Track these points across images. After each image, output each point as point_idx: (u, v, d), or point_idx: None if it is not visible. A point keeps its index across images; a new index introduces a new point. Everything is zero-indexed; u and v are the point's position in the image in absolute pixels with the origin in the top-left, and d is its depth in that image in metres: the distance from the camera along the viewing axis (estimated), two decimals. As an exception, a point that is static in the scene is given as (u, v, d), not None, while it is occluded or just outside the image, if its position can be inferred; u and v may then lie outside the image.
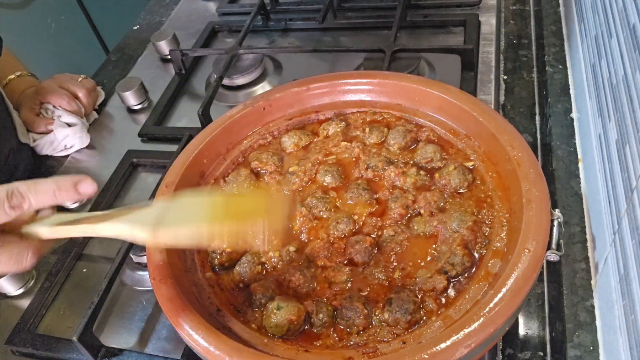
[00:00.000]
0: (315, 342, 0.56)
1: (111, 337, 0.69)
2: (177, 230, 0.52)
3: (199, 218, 0.53)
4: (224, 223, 0.54)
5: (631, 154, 0.56)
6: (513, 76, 0.97)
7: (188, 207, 0.56)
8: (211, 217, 0.54)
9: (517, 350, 0.66)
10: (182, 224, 0.52)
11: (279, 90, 0.78)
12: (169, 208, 0.55)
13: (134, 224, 0.51)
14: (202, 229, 0.52)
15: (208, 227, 0.53)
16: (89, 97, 1.01)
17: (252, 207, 0.59)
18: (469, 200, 0.63)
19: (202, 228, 0.52)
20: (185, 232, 0.52)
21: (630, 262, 0.53)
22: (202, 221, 0.53)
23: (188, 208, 0.56)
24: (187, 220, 0.53)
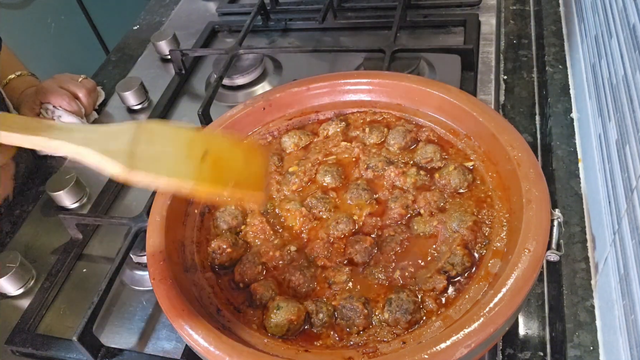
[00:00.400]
0: (315, 342, 0.56)
1: (111, 337, 0.69)
2: (154, 176, 0.48)
3: (176, 159, 0.51)
4: (203, 170, 0.51)
5: (631, 154, 0.56)
6: (513, 76, 0.97)
7: (163, 140, 0.52)
8: (188, 160, 0.51)
9: (517, 350, 0.66)
10: (160, 166, 0.49)
11: (279, 90, 0.78)
12: (140, 135, 0.51)
13: (104, 154, 0.47)
14: (181, 177, 0.49)
15: (187, 175, 0.50)
16: (89, 97, 1.01)
17: (229, 151, 0.56)
18: (469, 200, 0.63)
19: (181, 176, 0.49)
20: (164, 180, 0.49)
21: (630, 262, 0.53)
22: (180, 165, 0.50)
23: (163, 141, 0.52)
24: (163, 159, 0.50)
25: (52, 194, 0.85)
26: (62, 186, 0.85)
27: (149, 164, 0.49)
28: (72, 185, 0.85)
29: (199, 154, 0.52)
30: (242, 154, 0.58)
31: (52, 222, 0.85)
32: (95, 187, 0.88)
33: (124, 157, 0.48)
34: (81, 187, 0.87)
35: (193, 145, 0.54)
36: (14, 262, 0.76)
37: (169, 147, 0.52)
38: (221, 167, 0.54)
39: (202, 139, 0.56)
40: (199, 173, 0.51)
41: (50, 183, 0.86)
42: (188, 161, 0.51)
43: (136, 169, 0.47)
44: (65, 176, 0.86)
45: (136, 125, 0.52)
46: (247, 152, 0.59)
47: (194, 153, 0.52)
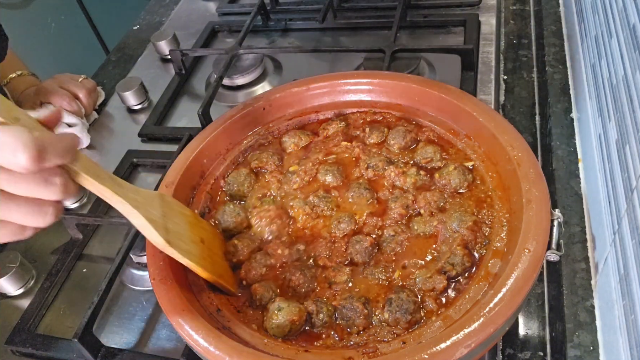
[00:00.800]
0: (315, 342, 0.56)
1: (111, 337, 0.69)
2: (181, 256, 0.55)
3: (187, 239, 0.58)
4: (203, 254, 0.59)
5: (631, 154, 0.56)
6: (513, 76, 0.97)
7: (177, 219, 0.59)
8: (193, 244, 0.59)
9: (517, 350, 0.66)
10: (181, 244, 0.56)
11: (279, 90, 0.78)
12: (165, 208, 0.56)
13: (151, 223, 0.52)
14: (192, 258, 0.57)
15: (195, 256, 0.57)
16: (90, 97, 1.01)
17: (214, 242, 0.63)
18: (469, 200, 0.63)
19: (192, 257, 0.57)
20: (188, 263, 0.56)
21: (630, 262, 0.53)
22: (190, 246, 0.58)
23: (178, 219, 0.58)
24: (182, 238, 0.57)
25: (52, 194, 0.85)
26: (62, 186, 0.85)
27: (177, 240, 0.56)
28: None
29: (198, 239, 0.60)
30: (220, 245, 0.65)
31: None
32: (95, 187, 0.88)
33: (162, 229, 0.54)
34: (81, 187, 0.87)
35: (194, 229, 0.61)
36: (14, 262, 0.76)
37: (183, 226, 0.59)
38: (211, 256, 0.61)
39: (199, 224, 0.63)
40: (200, 257, 0.58)
41: (50, 183, 0.86)
42: (194, 244, 0.59)
43: (171, 244, 0.54)
44: (65, 176, 0.86)
45: (161, 197, 0.58)
46: (221, 243, 0.66)
47: (196, 237, 0.60)
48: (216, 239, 0.65)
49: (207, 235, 0.63)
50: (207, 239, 0.62)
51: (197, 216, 0.65)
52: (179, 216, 0.59)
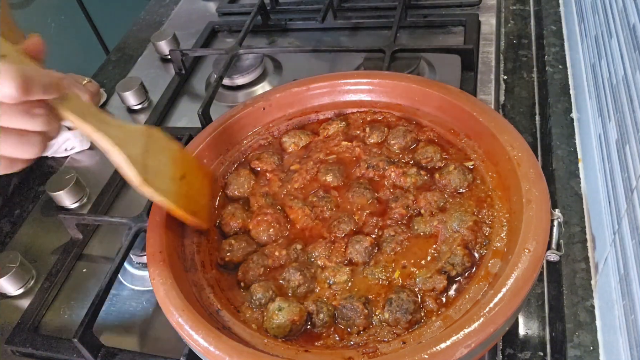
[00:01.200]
0: (316, 342, 0.56)
1: (111, 337, 0.69)
2: (155, 193, 0.57)
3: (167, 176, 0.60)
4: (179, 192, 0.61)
5: (631, 154, 0.56)
6: (513, 76, 0.97)
7: (162, 154, 0.60)
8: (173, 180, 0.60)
9: (517, 350, 0.66)
10: (158, 182, 0.58)
11: (279, 90, 0.78)
12: (150, 144, 0.58)
13: (130, 160, 0.54)
14: (167, 196, 0.59)
15: (170, 194, 0.59)
16: (92, 101, 1.01)
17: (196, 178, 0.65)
18: (469, 200, 0.64)
19: (167, 195, 0.59)
20: (162, 201, 0.59)
21: (630, 262, 0.53)
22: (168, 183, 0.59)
23: (162, 155, 0.60)
24: (161, 175, 0.59)
25: (52, 194, 0.85)
26: (62, 186, 0.85)
27: (154, 178, 0.57)
28: (72, 185, 0.85)
29: (179, 176, 0.62)
30: (204, 182, 0.67)
31: (52, 222, 0.85)
32: (95, 187, 0.88)
33: (140, 167, 0.55)
34: (81, 187, 0.87)
35: (177, 165, 0.62)
36: (14, 262, 0.76)
37: (165, 163, 0.60)
38: (189, 192, 0.63)
39: (184, 160, 0.64)
40: (177, 195, 0.60)
41: (50, 183, 0.86)
42: (172, 181, 0.61)
43: (147, 182, 0.56)
44: (65, 176, 0.86)
45: (147, 132, 0.59)
46: (206, 180, 0.68)
47: (177, 174, 0.62)
48: (199, 173, 0.65)
49: (189, 170, 0.64)
50: (189, 174, 0.63)
51: (183, 150, 0.66)
52: (163, 151, 0.61)
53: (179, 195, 0.61)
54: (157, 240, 0.62)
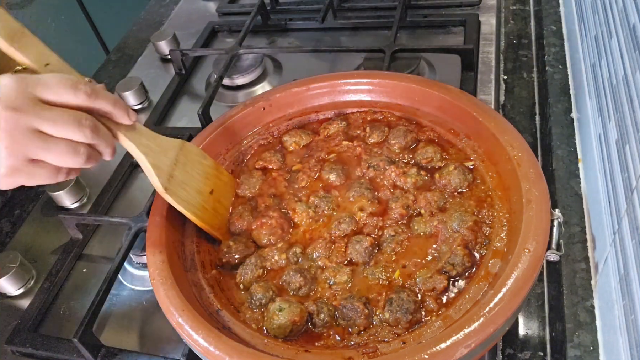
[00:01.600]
0: (316, 342, 0.56)
1: (111, 337, 0.69)
2: (177, 203, 0.61)
3: (194, 189, 0.64)
4: (206, 206, 0.65)
5: (631, 154, 0.56)
6: (513, 76, 0.97)
7: (192, 167, 0.65)
8: (200, 194, 0.64)
9: (517, 350, 0.66)
10: (184, 193, 0.62)
11: (279, 90, 0.78)
12: (180, 157, 0.63)
13: (153, 168, 0.59)
14: (192, 208, 0.63)
15: (195, 207, 0.63)
16: None
17: (224, 194, 0.69)
18: (469, 200, 0.63)
19: (192, 207, 0.63)
20: (184, 211, 0.62)
21: (630, 262, 0.53)
22: (195, 196, 0.63)
23: (192, 168, 0.65)
24: (187, 187, 0.63)
25: (52, 194, 0.85)
26: (62, 186, 0.85)
27: (178, 188, 0.62)
28: (72, 185, 0.85)
29: (208, 190, 0.66)
30: (230, 196, 0.70)
31: (52, 222, 0.85)
32: (95, 187, 0.88)
33: (165, 176, 0.60)
34: (81, 187, 0.87)
35: (208, 180, 0.67)
36: (14, 262, 0.76)
37: (194, 176, 0.65)
38: (215, 207, 0.67)
39: (215, 176, 0.68)
40: (201, 207, 0.64)
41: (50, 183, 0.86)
42: (199, 194, 0.65)
43: (169, 191, 0.60)
44: (65, 176, 0.86)
45: (180, 146, 0.65)
46: (232, 194, 0.71)
47: (206, 188, 0.66)
48: (229, 189, 0.69)
49: (220, 186, 0.68)
50: (219, 189, 0.67)
51: (218, 166, 0.70)
52: (195, 165, 0.65)
53: (203, 208, 0.64)
54: (157, 241, 0.62)
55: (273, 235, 0.65)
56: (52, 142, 0.49)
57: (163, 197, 0.61)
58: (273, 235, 0.65)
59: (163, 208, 0.64)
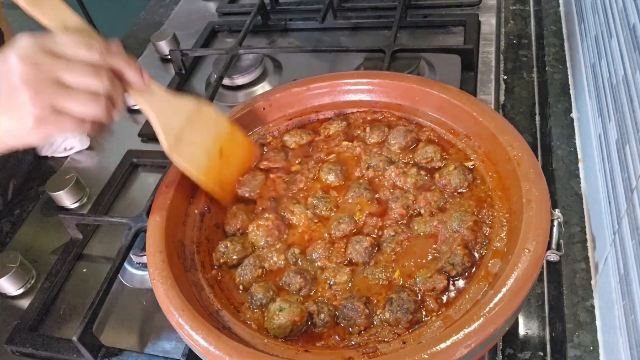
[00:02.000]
0: (317, 342, 0.56)
1: (111, 337, 0.69)
2: (183, 162, 0.64)
3: (203, 150, 0.65)
4: (213, 165, 0.66)
5: (631, 154, 0.56)
6: (513, 76, 0.97)
7: (204, 127, 0.66)
8: (209, 154, 0.66)
9: (517, 350, 0.66)
10: (191, 154, 0.64)
11: (279, 90, 0.78)
12: (194, 118, 0.65)
13: (162, 127, 0.61)
14: (198, 168, 0.65)
15: (202, 167, 0.65)
16: None
17: (234, 153, 0.70)
18: (469, 200, 0.63)
19: (199, 167, 0.65)
20: (187, 168, 0.64)
21: (630, 262, 0.53)
22: (203, 156, 0.65)
23: (204, 128, 0.66)
24: (196, 147, 0.65)
25: (52, 194, 0.85)
26: (62, 186, 0.85)
27: (185, 148, 0.64)
28: (72, 185, 0.85)
29: (217, 151, 0.67)
30: (244, 160, 0.71)
31: (52, 222, 0.85)
32: (95, 187, 0.88)
33: (172, 137, 0.62)
34: (81, 187, 0.87)
35: (218, 139, 0.68)
36: (14, 262, 0.76)
37: (204, 137, 0.66)
38: (223, 168, 0.68)
39: (227, 137, 0.69)
40: (208, 168, 0.66)
41: (50, 183, 0.86)
42: (207, 154, 0.66)
43: (175, 152, 0.63)
44: (65, 176, 0.86)
45: (194, 106, 0.66)
46: (247, 159, 0.72)
47: (215, 149, 0.67)
48: (241, 152, 0.71)
49: (232, 148, 0.69)
50: (230, 151, 0.69)
51: (234, 128, 0.70)
52: (207, 126, 0.66)
53: (208, 169, 0.66)
54: (157, 240, 0.62)
55: (270, 236, 0.65)
56: (73, 91, 0.51)
57: (168, 156, 0.63)
58: (270, 236, 0.65)
59: (163, 208, 0.64)
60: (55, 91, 0.50)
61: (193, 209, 0.68)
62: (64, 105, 0.51)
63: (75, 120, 0.52)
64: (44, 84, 0.50)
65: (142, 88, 0.59)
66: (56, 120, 0.51)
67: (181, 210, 0.67)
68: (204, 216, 0.69)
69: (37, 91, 0.49)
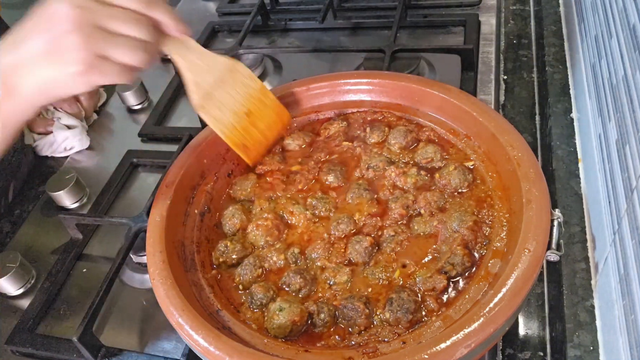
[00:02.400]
0: (317, 342, 0.56)
1: (111, 337, 0.69)
2: (212, 121, 0.66)
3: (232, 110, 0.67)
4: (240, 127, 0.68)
5: (631, 154, 0.56)
6: (513, 76, 0.97)
7: (235, 86, 0.67)
8: (237, 115, 0.67)
9: (517, 350, 0.66)
10: (220, 112, 0.66)
11: (279, 90, 0.78)
12: (226, 76, 0.66)
13: (194, 85, 0.63)
14: (226, 128, 0.67)
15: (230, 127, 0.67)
16: (91, 100, 1.01)
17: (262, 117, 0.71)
18: (469, 200, 0.64)
19: (227, 127, 0.67)
20: (214, 127, 0.66)
21: (630, 262, 0.53)
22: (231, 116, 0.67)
23: (235, 87, 0.67)
24: (225, 106, 0.66)
25: (52, 194, 0.85)
26: (62, 186, 0.85)
27: (214, 108, 0.65)
28: (72, 185, 0.85)
29: (245, 111, 0.68)
30: (272, 124, 0.73)
31: (52, 222, 0.85)
32: (95, 187, 0.88)
33: (202, 93, 0.64)
34: (81, 187, 0.87)
35: (248, 102, 0.69)
36: (14, 262, 0.76)
37: (234, 96, 0.67)
38: (249, 129, 0.69)
39: (257, 99, 0.70)
40: (233, 127, 0.67)
41: (50, 183, 0.86)
42: (234, 114, 0.67)
43: (204, 109, 0.64)
44: (65, 176, 0.86)
45: (229, 65, 0.67)
46: (276, 124, 0.73)
47: (243, 109, 0.68)
48: (269, 115, 0.72)
49: (261, 109, 0.70)
50: (258, 113, 0.70)
51: (265, 92, 0.71)
52: (238, 86, 0.67)
53: (232, 128, 0.67)
54: (157, 240, 0.62)
55: (270, 236, 0.65)
56: (118, 37, 0.52)
57: (198, 112, 0.65)
58: (270, 236, 0.65)
59: (163, 208, 0.64)
60: (103, 36, 0.51)
61: (193, 209, 0.68)
62: (110, 53, 0.52)
63: (119, 67, 0.53)
64: (92, 28, 0.50)
65: (179, 41, 0.60)
66: (102, 67, 0.52)
67: (181, 210, 0.67)
68: (203, 216, 0.69)
69: (86, 35, 0.50)
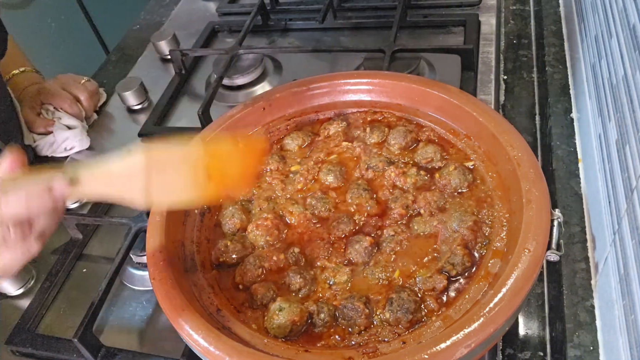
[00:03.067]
0: (317, 342, 0.56)
1: (111, 337, 0.69)
2: (169, 202, 0.58)
3: (184, 179, 0.57)
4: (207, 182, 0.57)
5: (631, 154, 0.56)
6: (513, 76, 0.97)
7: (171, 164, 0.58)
8: (194, 178, 0.57)
9: (517, 350, 0.66)
10: (172, 190, 0.56)
11: (279, 90, 0.78)
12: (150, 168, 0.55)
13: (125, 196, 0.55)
14: (190, 195, 0.56)
15: (194, 191, 0.57)
16: (91, 100, 1.01)
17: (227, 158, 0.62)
18: (469, 200, 0.64)
19: (190, 194, 0.56)
20: (177, 203, 0.57)
21: (630, 262, 0.53)
22: (188, 184, 0.56)
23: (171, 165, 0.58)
24: (174, 183, 0.56)
25: (52, 194, 0.85)
26: (62, 186, 0.85)
27: (163, 192, 0.56)
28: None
29: (201, 169, 0.59)
30: (239, 156, 0.63)
31: (52, 222, 0.85)
32: (95, 187, 0.88)
33: (141, 195, 0.55)
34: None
35: (196, 163, 0.59)
36: (14, 262, 0.76)
37: (177, 170, 0.58)
38: (220, 174, 0.60)
39: (202, 153, 0.61)
40: (204, 187, 0.57)
41: (50, 183, 0.86)
42: (194, 179, 0.58)
43: (154, 202, 0.55)
44: (65, 176, 0.86)
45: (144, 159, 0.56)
46: (244, 153, 0.64)
47: (198, 169, 0.59)
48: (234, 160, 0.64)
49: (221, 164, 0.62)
50: (219, 168, 0.62)
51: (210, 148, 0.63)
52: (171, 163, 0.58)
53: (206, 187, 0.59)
54: (157, 240, 0.62)
55: (270, 235, 0.65)
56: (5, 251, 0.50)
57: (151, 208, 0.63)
58: (270, 235, 0.65)
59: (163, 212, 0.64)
60: None
61: (193, 209, 0.68)
62: None
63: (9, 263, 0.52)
64: None
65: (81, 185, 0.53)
66: None
67: (181, 210, 0.67)
68: (203, 216, 0.69)
69: None
